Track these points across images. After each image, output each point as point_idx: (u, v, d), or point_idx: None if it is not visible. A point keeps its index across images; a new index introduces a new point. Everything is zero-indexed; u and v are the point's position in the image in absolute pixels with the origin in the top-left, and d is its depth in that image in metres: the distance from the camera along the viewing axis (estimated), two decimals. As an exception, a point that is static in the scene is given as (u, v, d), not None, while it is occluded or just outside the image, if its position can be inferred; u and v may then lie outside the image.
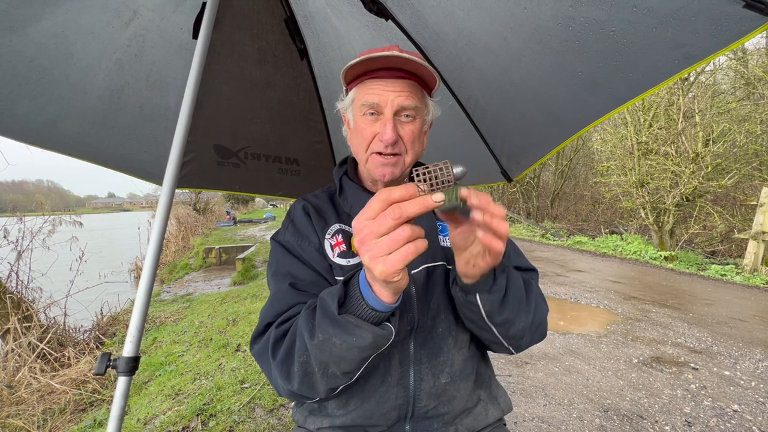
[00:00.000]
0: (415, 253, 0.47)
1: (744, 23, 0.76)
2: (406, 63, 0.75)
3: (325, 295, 0.62)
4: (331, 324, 0.59)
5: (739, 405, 2.71)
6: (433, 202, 0.47)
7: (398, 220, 0.46)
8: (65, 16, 1.13)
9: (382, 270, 0.48)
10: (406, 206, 0.46)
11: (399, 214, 0.46)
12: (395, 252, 0.47)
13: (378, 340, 0.58)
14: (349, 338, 0.57)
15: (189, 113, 1.08)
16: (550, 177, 18.13)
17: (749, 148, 8.84)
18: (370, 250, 0.48)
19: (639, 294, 5.66)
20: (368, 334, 0.57)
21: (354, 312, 0.59)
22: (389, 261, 0.47)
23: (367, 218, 0.49)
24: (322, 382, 0.65)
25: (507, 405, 0.94)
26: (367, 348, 0.59)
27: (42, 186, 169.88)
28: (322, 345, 0.60)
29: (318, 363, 0.62)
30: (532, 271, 0.94)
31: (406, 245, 0.47)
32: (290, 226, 0.87)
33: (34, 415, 2.77)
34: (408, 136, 0.80)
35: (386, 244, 0.47)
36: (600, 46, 0.99)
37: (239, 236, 14.33)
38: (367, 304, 0.57)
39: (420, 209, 0.46)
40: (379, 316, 0.58)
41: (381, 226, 0.47)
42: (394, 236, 0.46)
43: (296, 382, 0.66)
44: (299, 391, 0.68)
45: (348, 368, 0.62)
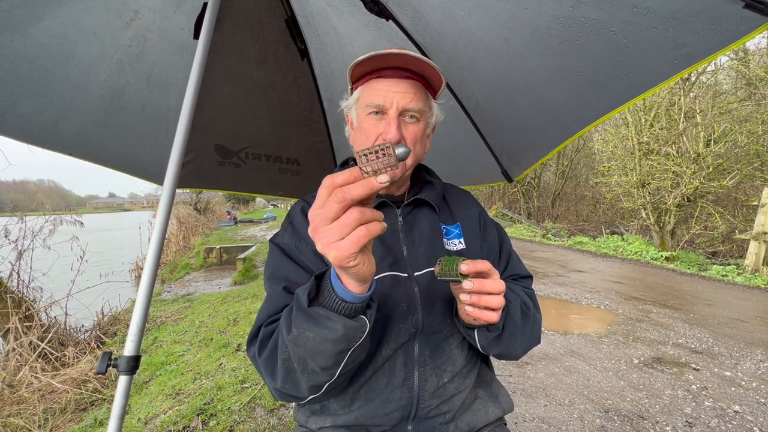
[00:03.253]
0: (367, 236, 0.46)
1: (744, 23, 0.76)
2: (413, 62, 0.75)
3: (299, 290, 0.62)
4: (304, 317, 0.58)
5: (740, 406, 2.70)
6: (377, 184, 0.45)
7: (342, 203, 0.45)
8: (67, 16, 1.13)
9: (335, 255, 0.47)
10: (349, 189, 0.45)
11: (342, 197, 0.45)
12: (347, 236, 0.46)
13: (350, 332, 0.58)
14: (321, 331, 0.57)
15: (190, 113, 1.08)
16: (551, 177, 18.12)
17: (750, 148, 8.82)
18: (322, 237, 0.47)
19: (640, 294, 5.65)
20: (339, 326, 0.57)
21: (325, 304, 0.58)
22: (341, 246, 0.46)
23: (317, 207, 0.48)
24: (303, 379, 0.65)
25: (508, 404, 0.94)
26: (339, 340, 0.58)
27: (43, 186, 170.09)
28: (296, 339, 0.60)
29: (296, 358, 0.62)
30: (528, 278, 0.98)
31: (358, 228, 0.46)
32: (289, 227, 0.87)
33: (35, 415, 2.77)
34: (411, 137, 0.80)
35: (336, 229, 0.46)
36: (600, 47, 0.99)
37: (240, 236, 14.34)
38: (337, 295, 0.57)
39: (364, 191, 0.45)
40: (351, 307, 0.58)
41: (328, 212, 0.46)
42: (343, 220, 0.46)
43: (280, 380, 0.67)
44: (283, 389, 0.68)
45: (325, 363, 0.61)
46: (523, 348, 0.83)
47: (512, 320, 0.76)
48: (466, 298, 0.64)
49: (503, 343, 0.77)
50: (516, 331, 0.78)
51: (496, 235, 0.97)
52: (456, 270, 0.62)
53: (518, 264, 0.98)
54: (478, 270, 0.63)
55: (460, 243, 0.90)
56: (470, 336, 0.79)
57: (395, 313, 0.79)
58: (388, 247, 0.84)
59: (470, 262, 0.62)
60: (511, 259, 0.97)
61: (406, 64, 0.76)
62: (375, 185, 0.45)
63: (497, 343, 0.77)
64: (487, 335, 0.76)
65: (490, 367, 0.99)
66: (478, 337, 0.77)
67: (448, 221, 0.92)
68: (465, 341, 0.86)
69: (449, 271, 0.63)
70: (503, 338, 0.76)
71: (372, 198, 0.49)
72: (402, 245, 0.85)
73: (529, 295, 0.90)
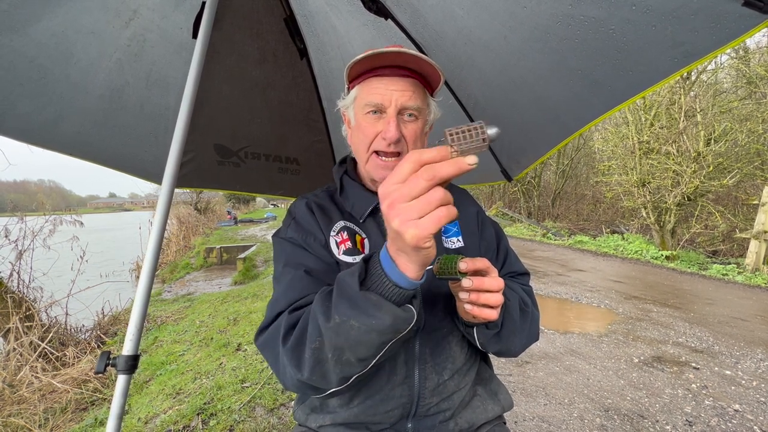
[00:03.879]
0: (447, 218, 0.44)
1: (743, 21, 0.76)
2: (411, 60, 0.75)
3: (344, 274, 0.59)
4: (349, 305, 0.56)
5: (740, 404, 2.70)
6: (467, 165, 0.44)
7: (431, 181, 0.43)
8: (66, 16, 1.13)
9: (414, 234, 0.44)
10: (440, 167, 0.43)
11: (432, 174, 0.43)
12: (428, 215, 0.44)
13: (398, 323, 0.55)
14: (368, 320, 0.54)
15: (189, 112, 1.08)
16: (551, 176, 18.11)
17: (751, 147, 8.80)
18: (399, 213, 0.45)
19: (640, 293, 5.65)
20: (388, 316, 0.54)
21: (375, 290, 0.55)
22: (421, 224, 0.44)
23: (396, 182, 0.46)
24: (335, 370, 0.61)
25: (508, 402, 0.95)
26: (386, 331, 0.56)
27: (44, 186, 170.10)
28: (338, 328, 0.57)
29: (332, 348, 0.59)
30: (526, 275, 0.99)
31: (439, 208, 0.44)
32: (292, 223, 0.86)
33: (35, 414, 2.78)
34: (410, 135, 0.80)
35: (418, 206, 0.44)
36: (599, 45, 0.98)
37: (240, 236, 14.34)
38: (390, 280, 0.54)
39: (455, 171, 0.44)
40: (403, 294, 0.55)
41: (413, 188, 0.44)
42: (427, 198, 0.44)
43: (307, 370, 0.62)
44: (309, 381, 0.64)
45: (365, 354, 0.59)
46: (522, 345, 0.84)
47: (511, 318, 0.77)
48: (465, 296, 0.64)
49: (502, 340, 0.78)
50: (514, 329, 0.78)
51: (494, 233, 0.98)
52: (454, 268, 0.62)
53: (516, 261, 0.99)
54: (477, 268, 0.63)
55: (459, 241, 0.90)
56: (469, 334, 0.80)
57: None
58: None
59: (469, 260, 0.62)
60: (509, 257, 0.98)
61: (403, 62, 0.76)
62: (464, 166, 0.44)
63: (496, 341, 0.78)
64: (486, 333, 0.76)
65: (490, 365, 0.99)
66: (477, 334, 0.78)
67: None
68: (465, 339, 0.87)
69: (448, 270, 0.63)
70: (502, 335, 0.77)
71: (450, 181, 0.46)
72: None
73: (527, 293, 0.91)
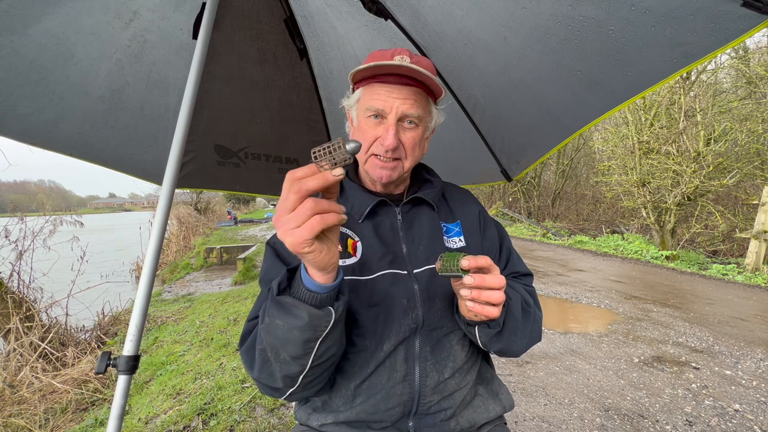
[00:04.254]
0: (321, 224, 0.50)
1: (742, 22, 0.76)
2: (414, 74, 0.76)
3: (273, 282, 0.65)
4: (274, 306, 0.61)
5: (740, 404, 2.70)
6: (332, 177, 0.50)
7: (299, 194, 0.49)
8: (66, 16, 1.13)
9: (290, 241, 0.51)
10: (305, 181, 0.50)
11: (298, 188, 0.49)
12: (302, 224, 0.50)
13: (314, 320, 0.60)
14: (288, 319, 0.60)
15: (189, 113, 1.08)
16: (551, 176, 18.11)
17: (751, 147, 8.80)
18: (281, 225, 0.51)
19: (640, 293, 5.65)
20: (304, 314, 0.59)
21: (294, 294, 0.62)
22: (296, 233, 0.50)
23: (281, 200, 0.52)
24: (277, 368, 0.67)
25: (509, 402, 0.95)
26: (305, 329, 0.60)
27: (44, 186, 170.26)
28: (268, 327, 0.63)
29: (269, 347, 0.65)
30: (529, 276, 0.99)
31: (313, 217, 0.50)
32: None
33: (35, 415, 2.78)
34: (409, 143, 0.81)
35: (293, 217, 0.50)
36: (599, 45, 0.99)
37: (240, 236, 14.34)
38: (304, 285, 0.60)
39: (320, 183, 0.50)
40: (316, 296, 0.60)
41: (288, 202, 0.50)
42: (300, 210, 0.50)
43: (257, 369, 0.69)
44: (260, 379, 0.70)
45: (294, 352, 0.63)
46: (524, 345, 0.84)
47: (513, 317, 0.77)
48: (467, 294, 0.65)
49: (504, 339, 0.78)
50: (516, 328, 0.78)
51: (496, 233, 0.98)
52: (457, 265, 0.63)
53: (518, 262, 0.98)
54: (479, 265, 0.63)
55: (461, 241, 0.91)
56: (471, 332, 0.80)
57: (395, 309, 0.80)
58: (387, 245, 0.84)
59: (471, 257, 0.63)
60: (512, 257, 0.98)
61: (407, 71, 0.77)
62: (330, 178, 0.50)
63: (498, 340, 0.78)
64: (487, 332, 0.76)
65: (491, 365, 0.99)
66: (478, 333, 0.78)
67: (448, 219, 0.93)
68: (466, 338, 0.87)
69: (450, 267, 0.64)
70: (504, 334, 0.77)
71: (334, 191, 0.53)
72: (401, 243, 0.86)
73: (529, 293, 0.91)
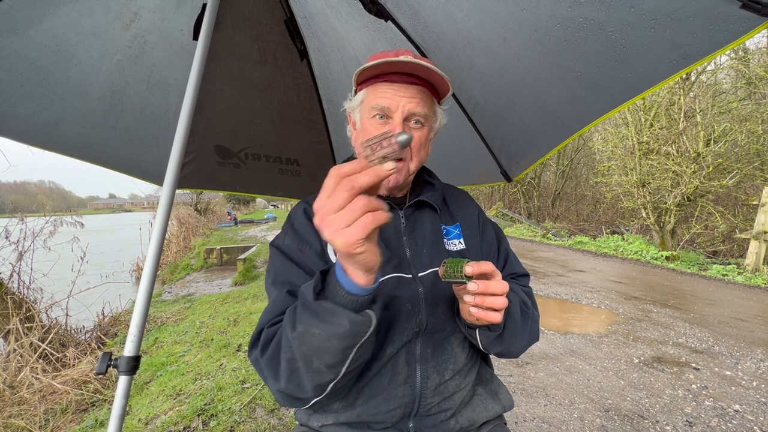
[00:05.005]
0: (374, 223, 0.47)
1: (741, 23, 0.76)
2: (421, 70, 0.75)
3: (304, 286, 0.62)
4: (309, 314, 0.58)
5: (740, 405, 2.70)
6: (384, 172, 0.47)
7: (351, 191, 0.46)
8: (67, 17, 1.14)
9: (343, 242, 0.47)
10: (357, 177, 0.47)
11: (351, 185, 0.46)
12: (354, 223, 0.47)
13: (356, 327, 0.57)
14: (327, 327, 0.57)
15: (189, 114, 1.08)
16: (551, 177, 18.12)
17: (750, 147, 8.81)
18: (329, 225, 0.48)
19: (640, 294, 5.65)
20: (345, 321, 0.56)
21: (331, 298, 0.58)
22: (348, 232, 0.47)
23: (324, 197, 0.49)
24: (307, 378, 0.64)
25: (508, 402, 0.95)
26: (345, 336, 0.58)
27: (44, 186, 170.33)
28: (302, 336, 0.60)
29: (301, 357, 0.61)
30: (525, 276, 1.00)
31: (365, 215, 0.47)
32: (290, 230, 0.86)
33: (36, 415, 2.78)
34: (415, 143, 0.80)
35: (343, 216, 0.47)
36: (598, 47, 0.99)
37: (240, 237, 14.34)
38: (343, 288, 0.57)
39: (372, 179, 0.47)
40: (356, 300, 0.57)
41: (336, 200, 0.47)
42: (350, 207, 0.47)
43: (284, 381, 0.65)
44: (287, 390, 0.66)
45: (330, 360, 0.61)
46: (523, 346, 0.84)
47: (512, 319, 0.77)
48: (470, 299, 0.65)
49: (504, 342, 0.78)
50: (516, 330, 0.79)
51: (494, 235, 0.98)
52: (461, 272, 0.63)
53: (516, 262, 0.99)
54: (482, 271, 0.63)
55: (460, 243, 0.91)
56: (472, 335, 0.80)
57: (400, 313, 0.80)
58: (392, 249, 0.84)
59: (474, 263, 0.63)
60: (509, 258, 0.98)
61: (413, 69, 0.76)
62: (382, 172, 0.47)
63: (498, 342, 0.78)
64: (488, 335, 0.77)
65: (490, 365, 0.99)
66: (479, 336, 0.78)
67: (448, 222, 0.93)
68: (466, 340, 0.87)
69: (454, 273, 0.64)
70: (504, 337, 0.77)
71: (378, 187, 0.49)
72: (405, 247, 0.86)
73: (527, 294, 0.92)
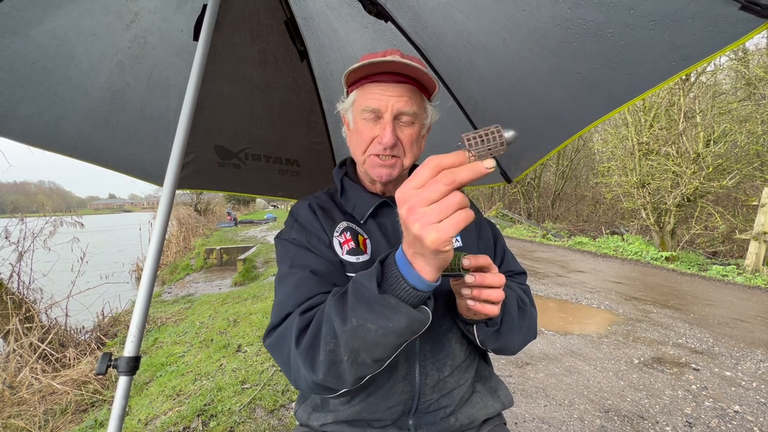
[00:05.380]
0: (466, 221, 0.45)
1: (740, 25, 0.77)
2: (407, 69, 0.76)
3: (361, 277, 0.59)
4: (366, 308, 0.56)
5: (740, 406, 2.70)
6: (484, 169, 0.44)
7: (450, 186, 0.44)
8: (67, 18, 1.14)
9: (435, 238, 0.45)
10: (458, 172, 0.44)
11: (452, 179, 0.44)
12: (447, 219, 0.44)
13: (414, 325, 0.56)
14: (386, 323, 0.55)
15: (190, 114, 1.08)
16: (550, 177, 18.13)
17: (750, 148, 8.82)
18: (420, 218, 0.45)
19: (640, 294, 5.65)
20: (405, 318, 0.55)
21: (393, 292, 0.56)
22: (442, 228, 0.44)
23: (414, 186, 0.46)
24: (350, 371, 0.62)
25: (508, 399, 0.95)
26: (403, 333, 0.56)
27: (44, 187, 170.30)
28: (355, 331, 0.57)
29: (348, 350, 0.59)
30: (522, 274, 1.00)
31: (458, 212, 0.45)
32: (295, 224, 0.86)
33: (35, 416, 2.78)
34: (407, 140, 0.82)
35: (438, 210, 0.44)
36: (598, 48, 0.99)
37: (240, 237, 14.35)
38: (408, 282, 0.54)
39: (472, 175, 0.44)
40: (419, 296, 0.55)
41: (432, 193, 0.44)
42: (446, 202, 0.44)
43: (321, 372, 0.62)
44: (324, 382, 0.64)
45: (381, 355, 0.60)
46: (521, 343, 0.85)
47: (509, 315, 0.78)
48: (468, 292, 0.65)
49: (501, 337, 0.79)
50: (513, 326, 0.79)
51: (491, 233, 0.99)
52: (458, 265, 0.63)
53: (513, 261, 1.00)
54: (479, 264, 0.64)
55: (457, 241, 0.91)
56: (469, 331, 0.81)
57: None
58: (392, 245, 0.85)
59: (472, 256, 0.64)
60: (506, 256, 0.99)
61: (399, 69, 0.77)
62: (482, 170, 0.44)
63: (495, 338, 0.79)
64: (485, 330, 0.78)
65: (489, 363, 1.00)
66: (476, 332, 0.79)
67: None
68: (464, 336, 0.87)
69: (452, 267, 0.64)
70: (501, 333, 0.78)
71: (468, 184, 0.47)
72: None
73: (524, 291, 0.92)
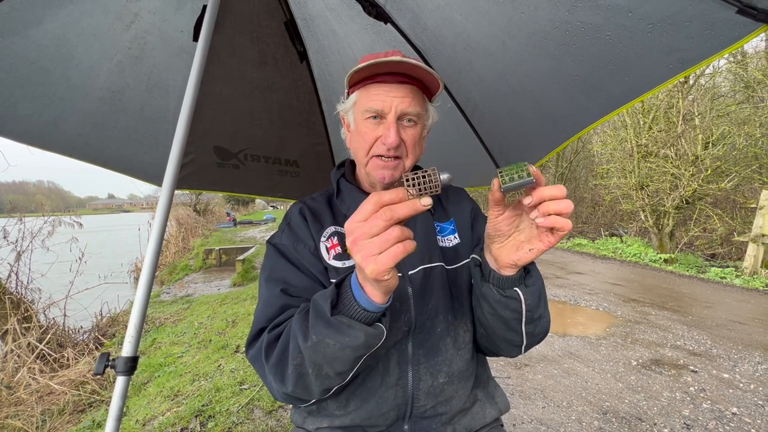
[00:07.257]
0: (403, 253, 0.49)
1: (737, 28, 0.77)
2: (411, 69, 0.76)
3: (318, 298, 0.63)
4: (324, 325, 0.60)
5: (738, 408, 2.70)
6: (421, 206, 0.48)
7: (389, 222, 0.48)
8: (67, 18, 1.14)
9: (373, 269, 0.49)
10: (396, 209, 0.48)
11: (390, 215, 0.48)
12: (385, 251, 0.49)
13: (370, 340, 0.60)
14: (343, 338, 0.59)
15: (189, 115, 1.08)
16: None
17: (749, 150, 8.85)
18: (361, 249, 0.50)
19: (638, 296, 5.66)
20: (361, 334, 0.58)
21: (346, 313, 0.60)
22: (380, 260, 0.49)
23: (359, 220, 0.51)
24: (316, 384, 0.66)
25: (505, 405, 0.95)
26: (360, 347, 0.60)
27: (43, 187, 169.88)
28: (316, 346, 0.61)
29: (312, 364, 0.63)
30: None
31: (396, 245, 0.49)
32: (286, 228, 0.88)
33: (33, 416, 2.77)
34: (410, 141, 0.82)
35: (377, 243, 0.49)
36: (596, 50, 1.00)
37: (239, 237, 14.33)
38: (359, 305, 0.58)
39: (409, 212, 0.49)
40: (371, 316, 0.59)
41: (373, 227, 0.49)
42: (385, 236, 0.48)
43: (290, 384, 0.67)
44: (294, 393, 0.69)
45: (341, 368, 0.63)
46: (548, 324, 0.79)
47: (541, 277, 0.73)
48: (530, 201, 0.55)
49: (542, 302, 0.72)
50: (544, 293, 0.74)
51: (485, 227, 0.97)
52: (527, 171, 0.53)
53: None
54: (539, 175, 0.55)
55: (455, 238, 0.91)
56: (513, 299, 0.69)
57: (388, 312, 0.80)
58: None
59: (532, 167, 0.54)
60: None
61: (403, 69, 0.77)
62: (419, 207, 0.49)
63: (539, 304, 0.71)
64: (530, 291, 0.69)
65: (486, 367, 0.99)
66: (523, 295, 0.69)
67: (441, 219, 0.94)
68: (463, 341, 0.86)
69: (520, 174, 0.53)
70: (542, 295, 0.72)
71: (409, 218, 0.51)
72: None
73: None
